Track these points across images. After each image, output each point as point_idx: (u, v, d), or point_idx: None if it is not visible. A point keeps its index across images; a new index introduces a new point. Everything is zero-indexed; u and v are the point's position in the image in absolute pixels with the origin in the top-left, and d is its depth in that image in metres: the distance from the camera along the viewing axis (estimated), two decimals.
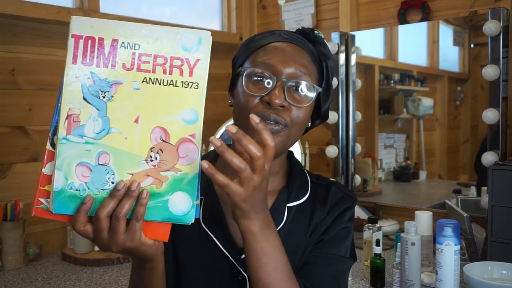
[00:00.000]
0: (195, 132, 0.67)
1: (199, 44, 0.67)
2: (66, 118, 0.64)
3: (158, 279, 0.78)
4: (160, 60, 0.66)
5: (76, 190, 0.65)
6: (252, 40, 0.92)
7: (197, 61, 0.67)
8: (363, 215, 2.25)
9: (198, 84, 0.67)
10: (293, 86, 0.86)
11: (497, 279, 1.47)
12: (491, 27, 1.86)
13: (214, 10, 2.83)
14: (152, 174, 0.66)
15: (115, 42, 0.65)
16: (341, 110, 2.40)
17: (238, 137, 0.66)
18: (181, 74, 0.66)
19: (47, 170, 0.66)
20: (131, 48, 0.65)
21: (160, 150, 0.65)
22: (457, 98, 2.35)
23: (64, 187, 0.64)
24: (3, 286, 1.69)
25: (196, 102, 0.67)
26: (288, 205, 0.91)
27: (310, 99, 0.87)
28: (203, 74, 0.67)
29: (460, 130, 2.34)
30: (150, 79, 0.66)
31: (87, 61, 0.64)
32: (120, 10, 2.31)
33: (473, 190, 2.16)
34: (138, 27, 0.66)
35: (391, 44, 2.49)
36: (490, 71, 1.86)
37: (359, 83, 2.47)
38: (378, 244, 1.62)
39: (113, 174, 0.65)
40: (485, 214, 1.85)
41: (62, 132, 0.64)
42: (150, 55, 0.66)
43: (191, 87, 0.66)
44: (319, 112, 0.94)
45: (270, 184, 0.93)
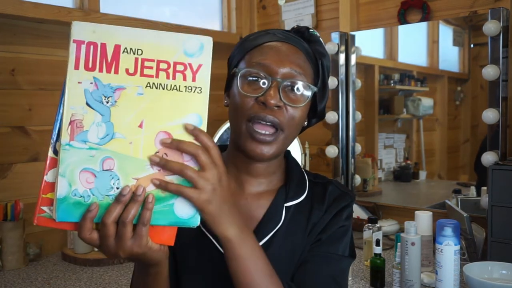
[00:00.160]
0: None
1: (201, 50, 0.67)
2: (69, 124, 0.63)
3: (163, 283, 0.77)
4: (163, 65, 0.66)
5: (81, 196, 0.64)
6: (247, 39, 0.91)
7: (199, 66, 0.67)
8: (363, 215, 2.25)
9: (201, 88, 0.67)
10: (288, 86, 0.85)
11: (497, 279, 1.48)
12: (491, 27, 1.86)
13: (214, 10, 2.83)
14: (157, 179, 0.65)
15: (117, 48, 0.64)
16: (341, 110, 2.40)
17: (175, 145, 0.65)
18: (184, 79, 0.66)
19: (49, 177, 0.65)
20: (134, 54, 0.65)
21: (165, 154, 0.65)
22: (457, 98, 2.35)
23: (68, 194, 0.63)
24: (3, 286, 1.69)
25: (199, 107, 0.67)
26: (286, 204, 0.91)
27: (306, 98, 0.86)
28: (205, 79, 0.67)
29: (460, 130, 2.34)
30: (153, 84, 0.65)
31: (90, 66, 0.64)
32: (120, 10, 2.30)
33: (473, 190, 2.16)
34: (140, 32, 0.65)
35: (391, 44, 2.49)
36: (490, 71, 1.86)
37: (359, 83, 2.47)
38: (378, 244, 1.62)
39: (117, 179, 0.64)
40: (485, 214, 1.85)
41: (65, 138, 0.63)
42: (153, 61, 0.65)
43: (194, 92, 0.66)
44: (315, 111, 0.93)
45: (268, 184, 0.93)
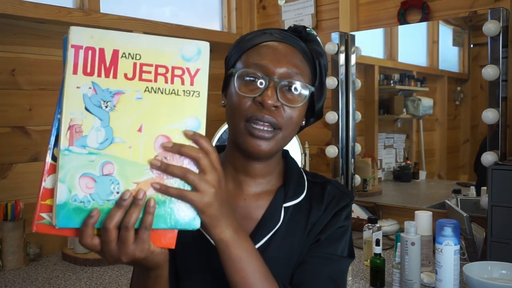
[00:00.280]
0: None
1: (199, 54, 0.67)
2: (68, 129, 0.63)
3: (163, 286, 0.77)
4: (161, 70, 0.66)
5: (81, 202, 0.63)
6: (244, 39, 0.91)
7: (197, 70, 0.67)
8: (363, 215, 2.25)
9: (199, 92, 0.67)
10: (285, 86, 0.85)
11: (496, 279, 1.48)
12: (491, 27, 1.86)
13: (214, 10, 2.83)
14: (157, 183, 0.65)
15: (116, 53, 0.64)
16: (341, 110, 2.40)
17: (177, 149, 0.65)
18: (182, 83, 0.66)
19: (48, 183, 0.64)
20: (132, 58, 0.65)
21: (165, 158, 0.65)
22: (456, 98, 2.35)
23: (68, 199, 0.63)
24: (3, 286, 1.69)
25: (198, 110, 0.67)
26: (284, 205, 0.90)
27: (303, 98, 0.86)
28: (203, 83, 0.67)
29: (459, 130, 2.34)
30: (152, 88, 0.66)
31: (88, 71, 0.64)
32: (120, 10, 2.30)
33: (472, 190, 2.16)
34: (138, 37, 0.65)
35: (391, 44, 2.49)
36: (490, 71, 1.86)
37: (359, 83, 2.47)
38: (378, 244, 1.62)
39: (118, 184, 0.64)
40: (484, 214, 1.85)
41: (64, 143, 0.63)
42: (151, 65, 0.66)
43: (192, 96, 0.67)
44: (313, 111, 0.93)
45: (266, 184, 0.92)
